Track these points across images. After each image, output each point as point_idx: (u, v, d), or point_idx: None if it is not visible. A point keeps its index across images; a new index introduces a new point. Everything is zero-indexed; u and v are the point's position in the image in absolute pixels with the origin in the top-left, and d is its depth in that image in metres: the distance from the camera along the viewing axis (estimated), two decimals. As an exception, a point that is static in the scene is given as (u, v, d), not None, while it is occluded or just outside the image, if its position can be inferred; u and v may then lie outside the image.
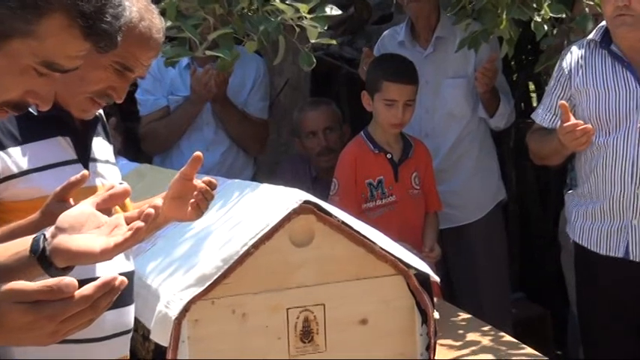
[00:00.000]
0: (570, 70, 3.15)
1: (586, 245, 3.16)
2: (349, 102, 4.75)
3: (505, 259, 4.16)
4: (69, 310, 1.30)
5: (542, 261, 4.97)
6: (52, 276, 1.48)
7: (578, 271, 3.28)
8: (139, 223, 1.44)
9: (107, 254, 1.46)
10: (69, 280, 1.30)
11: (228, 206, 2.49)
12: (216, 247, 2.26)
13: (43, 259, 1.47)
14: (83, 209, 1.51)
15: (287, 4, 2.66)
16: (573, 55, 3.16)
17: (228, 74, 3.75)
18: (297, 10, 2.65)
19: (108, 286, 1.32)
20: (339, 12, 2.79)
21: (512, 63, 5.24)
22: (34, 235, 1.50)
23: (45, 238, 1.48)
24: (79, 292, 1.30)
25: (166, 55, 2.83)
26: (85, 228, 1.48)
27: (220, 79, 3.80)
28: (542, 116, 3.25)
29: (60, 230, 1.48)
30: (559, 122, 3.07)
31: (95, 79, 1.88)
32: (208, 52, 2.82)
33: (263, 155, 4.25)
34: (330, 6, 2.73)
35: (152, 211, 1.46)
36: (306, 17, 2.66)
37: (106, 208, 1.54)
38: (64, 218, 1.49)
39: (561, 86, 3.18)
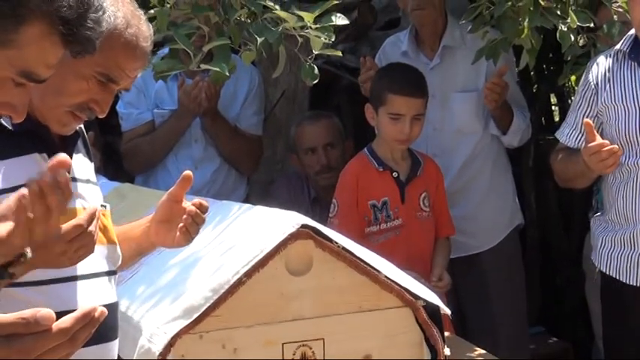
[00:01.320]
0: (597, 83, 3.16)
1: (613, 275, 3.17)
2: (352, 115, 4.77)
3: (522, 290, 4.16)
4: (45, 344, 1.32)
5: (564, 292, 4.98)
6: None
7: (605, 302, 3.29)
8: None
9: None
10: (46, 312, 1.31)
11: (219, 230, 2.50)
12: (204, 276, 2.27)
13: None
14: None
15: (289, 13, 2.67)
16: (600, 67, 3.17)
17: (219, 86, 3.77)
18: (301, 19, 2.66)
19: (87, 318, 1.34)
20: (347, 21, 2.80)
21: (532, 73, 5.26)
22: None
23: None
24: (57, 325, 1.32)
25: (157, 69, 2.83)
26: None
27: (211, 92, 3.81)
28: (567, 135, 3.27)
29: None
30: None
31: (76, 91, 1.88)
32: (203, 66, 2.83)
33: (257, 174, 4.26)
34: (336, 14, 2.74)
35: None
36: (311, 27, 2.67)
37: None
38: None
39: (587, 102, 3.19)
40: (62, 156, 1.44)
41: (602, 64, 3.18)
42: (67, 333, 1.33)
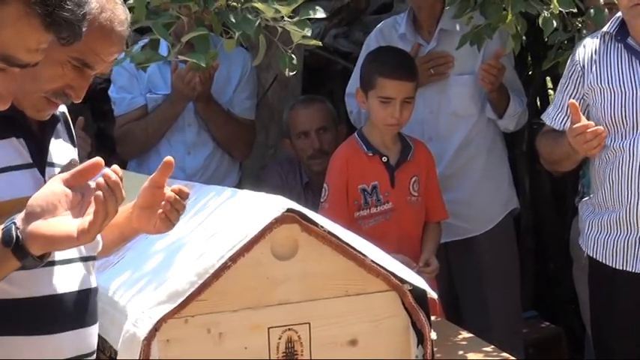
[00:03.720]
0: (583, 65, 3.16)
1: (600, 259, 3.17)
2: (345, 100, 4.76)
3: (516, 275, 4.16)
4: None
5: (558, 276, 4.98)
6: (28, 266, 1.52)
7: (592, 287, 3.29)
8: (97, 193, 1.50)
9: (85, 235, 1.49)
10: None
11: (204, 215, 2.49)
12: (190, 260, 2.26)
13: (18, 250, 1.50)
14: (53, 189, 1.54)
15: (267, 6, 2.65)
16: (587, 49, 3.17)
17: (213, 70, 3.76)
18: (278, 11, 2.64)
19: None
20: (324, 15, 2.79)
21: (529, 58, 5.25)
22: (1, 226, 1.52)
23: (17, 227, 1.50)
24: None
25: (136, 60, 2.82)
26: (59, 210, 1.51)
27: (205, 77, 3.80)
28: (552, 117, 3.27)
29: (31, 216, 1.50)
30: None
31: (51, 77, 1.86)
32: (181, 57, 2.82)
33: (249, 160, 4.26)
34: (314, 7, 2.72)
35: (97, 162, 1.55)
36: (287, 20, 2.65)
37: (77, 185, 1.57)
38: (35, 202, 1.52)
39: (573, 84, 3.19)
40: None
41: (588, 46, 3.17)
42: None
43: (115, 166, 1.58)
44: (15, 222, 1.52)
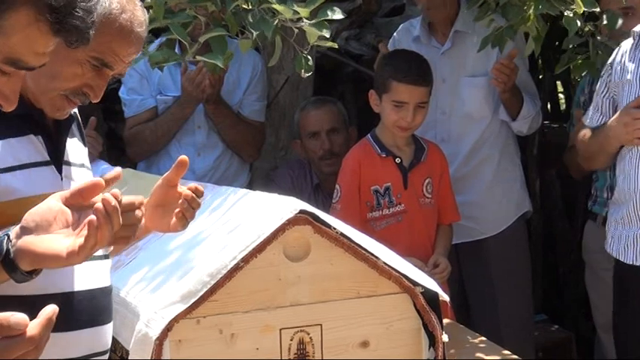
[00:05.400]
0: (612, 64, 3.19)
1: (615, 255, 3.17)
2: (355, 102, 4.77)
3: (527, 278, 4.16)
4: (16, 350, 1.29)
5: (568, 280, 4.98)
6: (18, 280, 1.51)
7: (615, 286, 3.27)
8: (92, 219, 1.48)
9: (74, 257, 1.47)
10: (20, 317, 1.29)
11: (217, 216, 2.50)
12: (202, 261, 2.27)
13: (7, 263, 1.49)
14: (51, 206, 1.53)
15: (286, 7, 2.65)
16: (620, 50, 3.20)
17: (223, 72, 3.77)
18: (296, 12, 2.65)
19: (52, 322, 1.32)
20: (342, 16, 2.79)
21: (540, 61, 5.25)
22: None
23: (9, 240, 1.50)
24: (27, 332, 1.29)
25: (153, 60, 2.82)
26: (53, 227, 1.50)
27: (215, 79, 3.81)
28: (590, 117, 3.30)
29: (25, 230, 1.50)
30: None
31: (70, 76, 1.88)
32: (198, 57, 2.82)
33: (260, 161, 4.27)
34: (332, 8, 2.73)
35: (99, 182, 1.53)
36: (305, 21, 2.65)
37: (76, 204, 1.56)
38: (30, 217, 1.51)
39: (604, 83, 3.24)
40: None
41: (622, 47, 3.20)
42: (35, 342, 1.30)
43: (116, 191, 1.58)
44: (9, 234, 1.52)
